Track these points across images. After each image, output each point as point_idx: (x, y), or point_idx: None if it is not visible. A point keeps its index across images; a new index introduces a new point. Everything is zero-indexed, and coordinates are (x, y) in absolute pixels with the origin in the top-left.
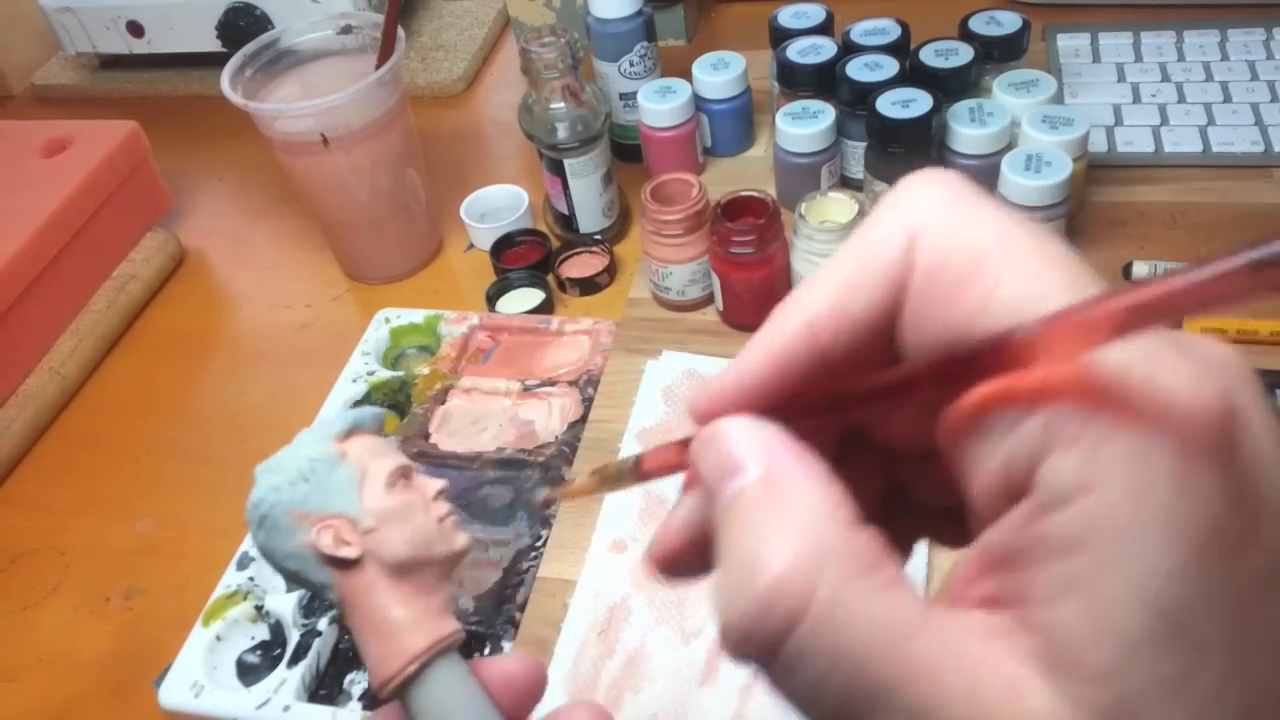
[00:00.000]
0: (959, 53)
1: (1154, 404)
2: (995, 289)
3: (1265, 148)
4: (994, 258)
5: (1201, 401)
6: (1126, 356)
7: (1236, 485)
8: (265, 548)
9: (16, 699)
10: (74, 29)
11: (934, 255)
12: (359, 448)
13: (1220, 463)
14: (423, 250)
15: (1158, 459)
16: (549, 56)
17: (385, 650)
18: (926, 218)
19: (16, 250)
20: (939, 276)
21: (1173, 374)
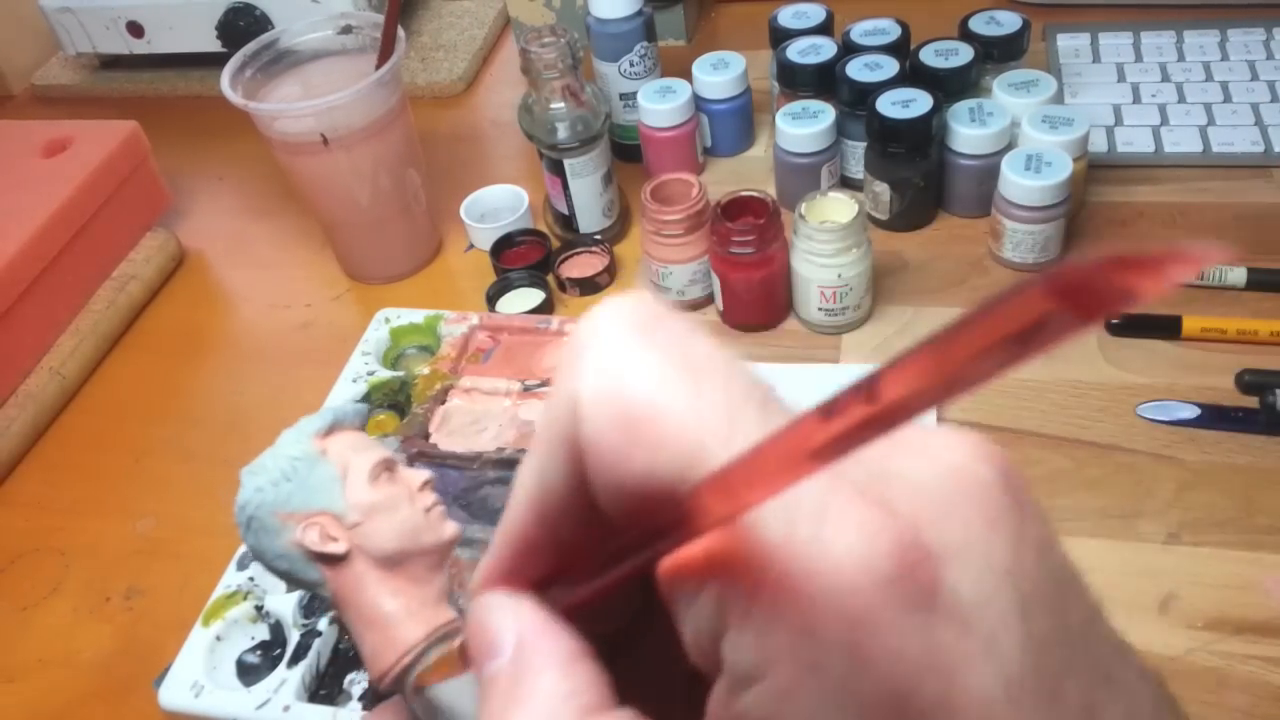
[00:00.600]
0: (959, 53)
1: (818, 571)
2: (653, 452)
3: (1265, 148)
4: (645, 420)
5: (877, 551)
6: (791, 514)
7: (926, 642)
8: (255, 549)
9: (16, 699)
10: (74, 29)
11: (592, 425)
12: (340, 444)
13: (900, 621)
14: (423, 250)
15: (829, 632)
16: (549, 56)
17: (381, 642)
18: (582, 382)
19: (16, 250)
20: (601, 445)
21: (845, 518)
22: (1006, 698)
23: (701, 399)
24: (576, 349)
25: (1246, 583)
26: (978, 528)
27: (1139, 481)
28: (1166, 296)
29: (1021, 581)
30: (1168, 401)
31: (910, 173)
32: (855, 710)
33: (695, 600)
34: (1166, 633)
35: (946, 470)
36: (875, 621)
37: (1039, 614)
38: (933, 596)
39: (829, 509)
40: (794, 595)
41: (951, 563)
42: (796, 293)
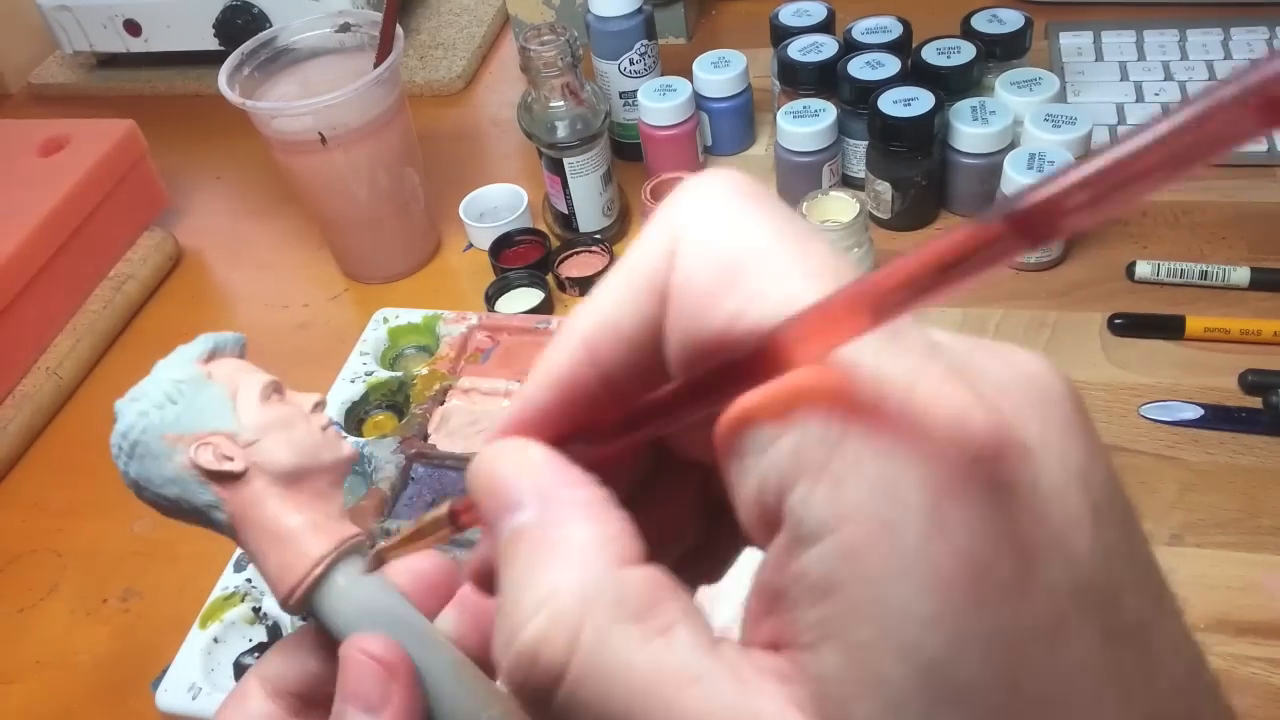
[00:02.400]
0: (961, 51)
1: (912, 426)
2: (749, 297)
3: (1269, 147)
4: (750, 265)
5: (967, 427)
6: (891, 365)
7: (1006, 523)
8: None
9: (14, 701)
10: (71, 27)
11: (690, 263)
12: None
13: (984, 498)
14: (421, 250)
15: (909, 492)
16: (548, 55)
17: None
18: (688, 224)
19: (13, 249)
20: (694, 285)
21: (939, 391)
22: (1073, 593)
23: (806, 259)
24: (681, 197)
25: (1249, 584)
26: (1057, 430)
27: (1142, 482)
28: (1169, 296)
29: (1094, 488)
30: (1171, 402)
31: (912, 172)
32: (925, 577)
33: (770, 446)
34: None
35: (1027, 375)
36: (959, 492)
37: (1107, 522)
38: (1015, 482)
39: (922, 379)
40: (880, 450)
41: (1034, 453)
42: None
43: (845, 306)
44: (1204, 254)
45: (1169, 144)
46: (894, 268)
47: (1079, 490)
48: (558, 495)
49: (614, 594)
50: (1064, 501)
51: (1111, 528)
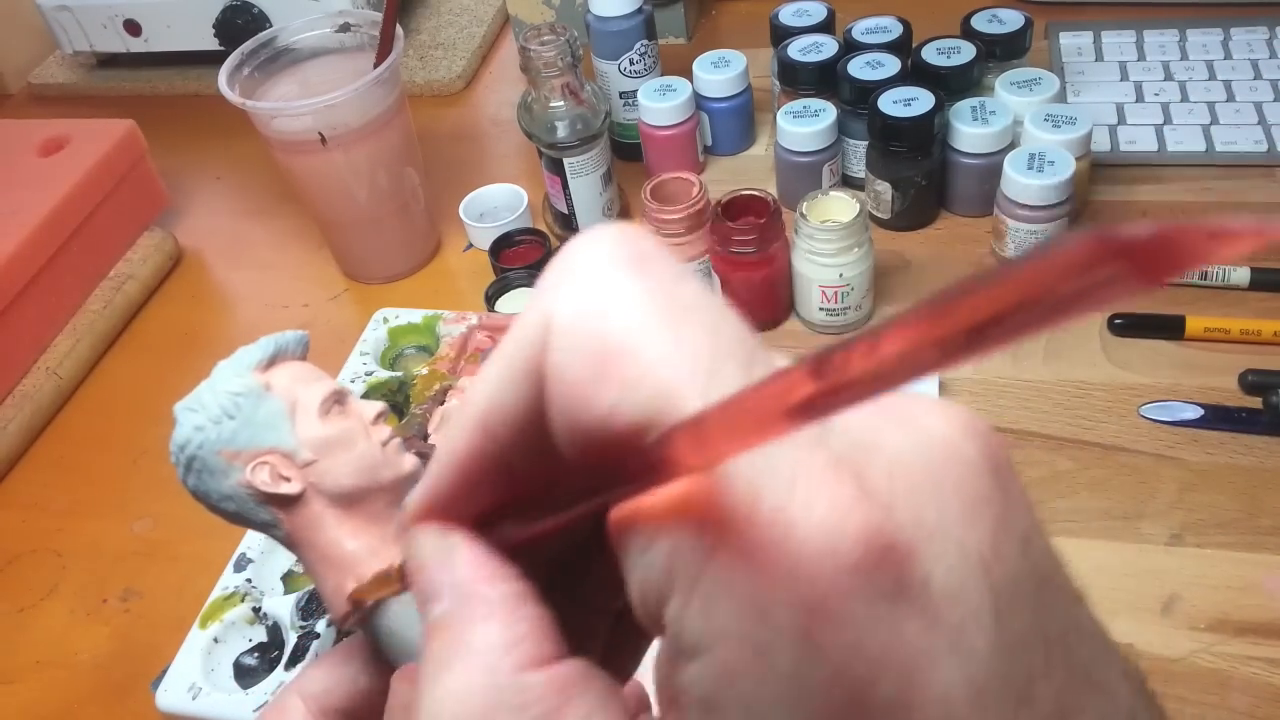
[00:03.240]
0: (961, 51)
1: (783, 539)
2: (622, 389)
3: (1268, 147)
4: (621, 352)
5: (844, 535)
6: (761, 479)
7: (888, 636)
8: (197, 490)
9: (13, 701)
10: (71, 28)
11: (560, 353)
12: (284, 377)
13: (860, 613)
14: (421, 250)
15: (779, 614)
16: (548, 55)
17: (342, 584)
18: (558, 307)
19: (13, 250)
20: (566, 376)
21: (816, 494)
22: (970, 700)
23: (682, 344)
24: (558, 271)
25: (1249, 584)
26: (957, 513)
27: (1142, 482)
28: (1169, 296)
29: (999, 575)
30: (1171, 402)
31: (912, 172)
32: (803, 702)
33: (646, 553)
34: (1169, 634)
35: (931, 446)
36: (834, 609)
37: (1015, 611)
38: (900, 586)
39: (800, 480)
40: (751, 568)
41: (925, 548)
42: (798, 292)
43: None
44: None
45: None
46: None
47: (979, 582)
48: (472, 591)
49: (518, 700)
50: (960, 599)
51: (1020, 614)
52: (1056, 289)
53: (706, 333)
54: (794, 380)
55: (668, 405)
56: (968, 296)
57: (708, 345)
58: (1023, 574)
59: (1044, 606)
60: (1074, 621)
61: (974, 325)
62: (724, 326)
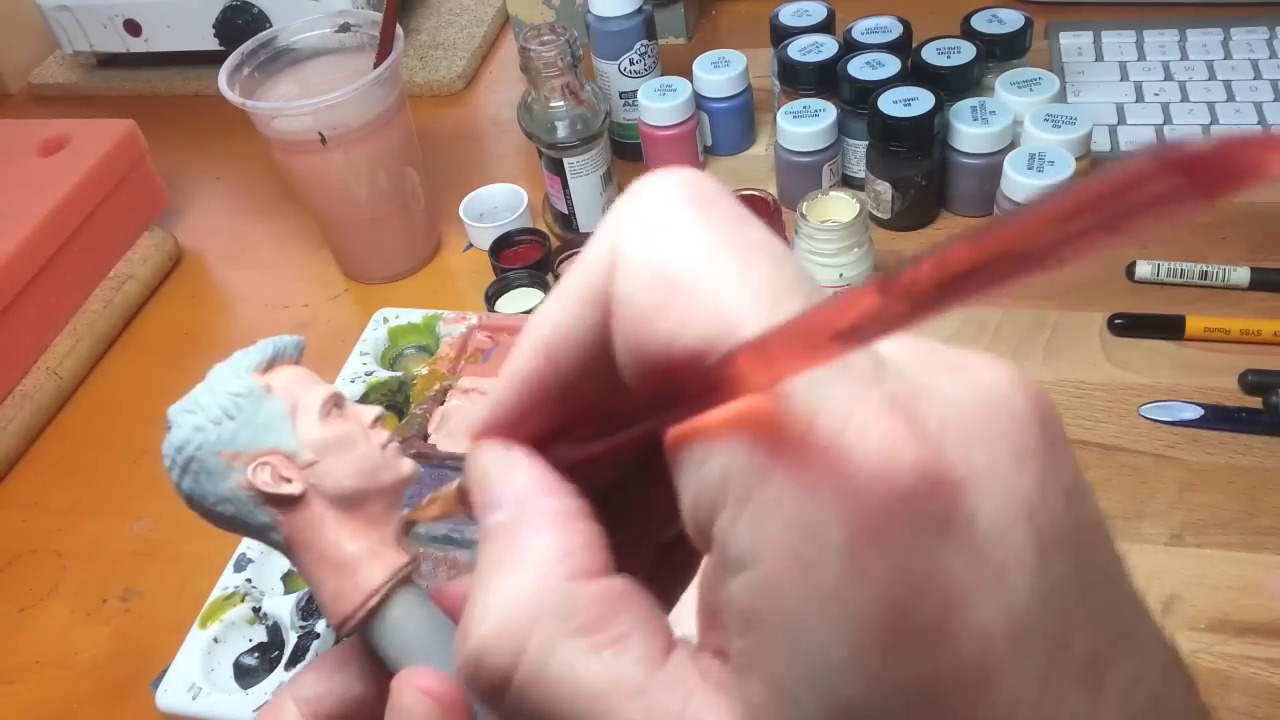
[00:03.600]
0: (961, 51)
1: (838, 462)
2: (684, 319)
3: None
4: (685, 283)
5: (896, 463)
6: (827, 394)
7: (932, 565)
8: (194, 494)
9: (13, 701)
10: (71, 28)
11: (626, 282)
12: (284, 379)
13: (907, 539)
14: (421, 250)
15: (828, 532)
16: (548, 55)
17: (341, 587)
18: (625, 238)
19: (13, 250)
20: (630, 305)
21: (871, 424)
22: (1008, 637)
23: (747, 277)
24: (625, 205)
25: (1249, 584)
26: (1005, 458)
27: (1142, 482)
28: (1169, 296)
29: (1043, 521)
30: (1171, 402)
31: (912, 172)
32: (841, 620)
33: (702, 466)
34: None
35: (983, 394)
36: (882, 532)
37: (1057, 558)
38: (947, 519)
39: (858, 409)
40: (803, 485)
41: (973, 488)
42: None
43: (787, 344)
44: (1204, 254)
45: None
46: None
47: (1024, 524)
48: (531, 501)
49: (566, 606)
50: (1004, 538)
51: (1062, 562)
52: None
53: (770, 267)
54: (860, 295)
55: (731, 332)
56: (1034, 213)
57: (770, 278)
58: (1066, 524)
59: (1085, 558)
60: (1114, 578)
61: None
62: (786, 264)
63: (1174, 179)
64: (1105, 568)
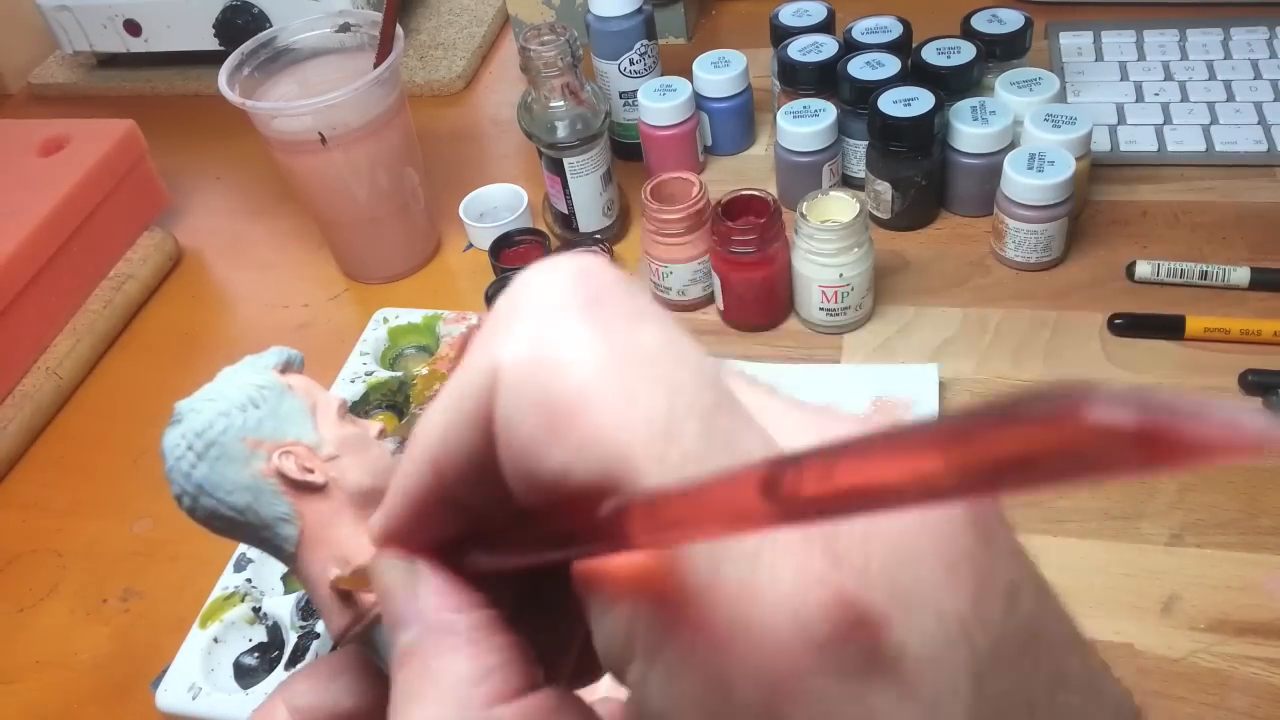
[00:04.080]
0: (961, 51)
1: (743, 622)
2: (576, 450)
3: (1269, 147)
4: (573, 410)
5: (811, 608)
6: (723, 549)
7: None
8: (205, 482)
9: (13, 701)
10: (71, 28)
11: (509, 408)
12: (299, 381)
13: (828, 691)
14: (421, 250)
15: (744, 692)
16: (548, 55)
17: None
18: (508, 354)
19: (13, 250)
20: (516, 433)
21: (773, 577)
22: None
23: (638, 403)
24: (506, 311)
25: (1249, 584)
26: (936, 574)
27: (1141, 483)
28: (1169, 296)
29: (980, 639)
30: None
31: (912, 171)
32: None
33: (605, 616)
34: (1169, 634)
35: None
36: (801, 689)
37: (996, 673)
38: (872, 660)
39: (766, 549)
40: (713, 644)
41: (901, 617)
42: (797, 292)
43: (672, 518)
44: (1204, 254)
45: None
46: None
47: (958, 643)
48: (438, 621)
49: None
50: (937, 665)
51: (1003, 675)
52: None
53: (664, 389)
54: (742, 489)
55: (623, 470)
56: (938, 442)
57: (664, 405)
58: (1007, 633)
59: (1030, 664)
60: (1062, 674)
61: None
62: (684, 377)
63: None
64: (1053, 665)
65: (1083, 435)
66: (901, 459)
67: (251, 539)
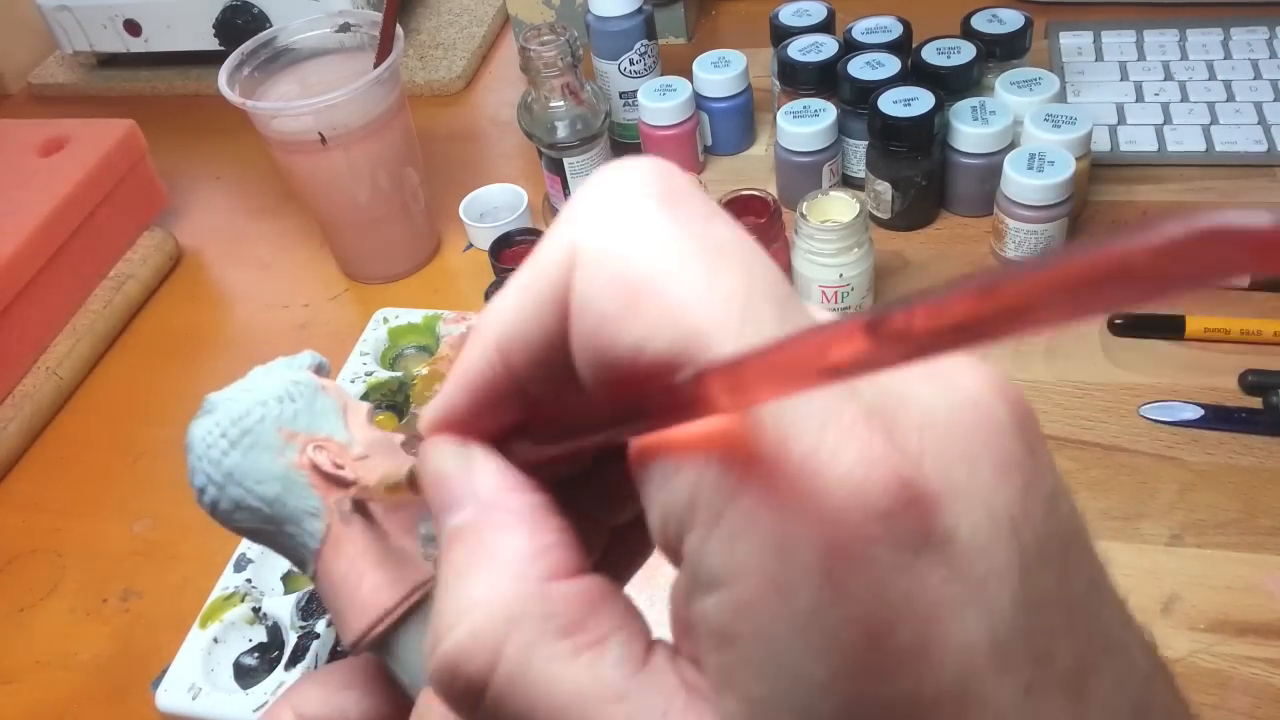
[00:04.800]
0: (961, 51)
1: (812, 481)
2: (651, 326)
3: (1268, 147)
4: (651, 288)
5: (872, 480)
6: (792, 420)
7: (910, 584)
8: (239, 469)
9: (13, 701)
10: (71, 28)
11: (587, 283)
12: (330, 384)
13: (883, 559)
14: (421, 250)
15: (802, 553)
16: (548, 55)
17: (385, 579)
18: (587, 234)
19: (13, 250)
20: (592, 309)
21: (846, 440)
22: (991, 651)
23: (717, 283)
24: (585, 199)
25: (1249, 584)
26: (986, 470)
27: (1142, 482)
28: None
29: (1025, 533)
30: (1171, 402)
31: (912, 171)
32: (819, 642)
33: (669, 483)
34: (1169, 634)
35: (963, 403)
36: (858, 553)
37: (1039, 569)
38: (925, 537)
39: (831, 426)
40: (776, 505)
41: (952, 503)
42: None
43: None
44: None
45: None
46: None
47: (1006, 536)
48: (495, 500)
49: (542, 609)
50: (985, 552)
51: (1046, 572)
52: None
53: (741, 272)
54: (844, 333)
55: (699, 344)
56: (1048, 270)
57: (742, 285)
58: (1048, 534)
59: (1068, 567)
60: (1096, 584)
61: (1051, 301)
62: (759, 267)
63: (1225, 251)
64: (1088, 574)
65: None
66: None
67: (271, 536)
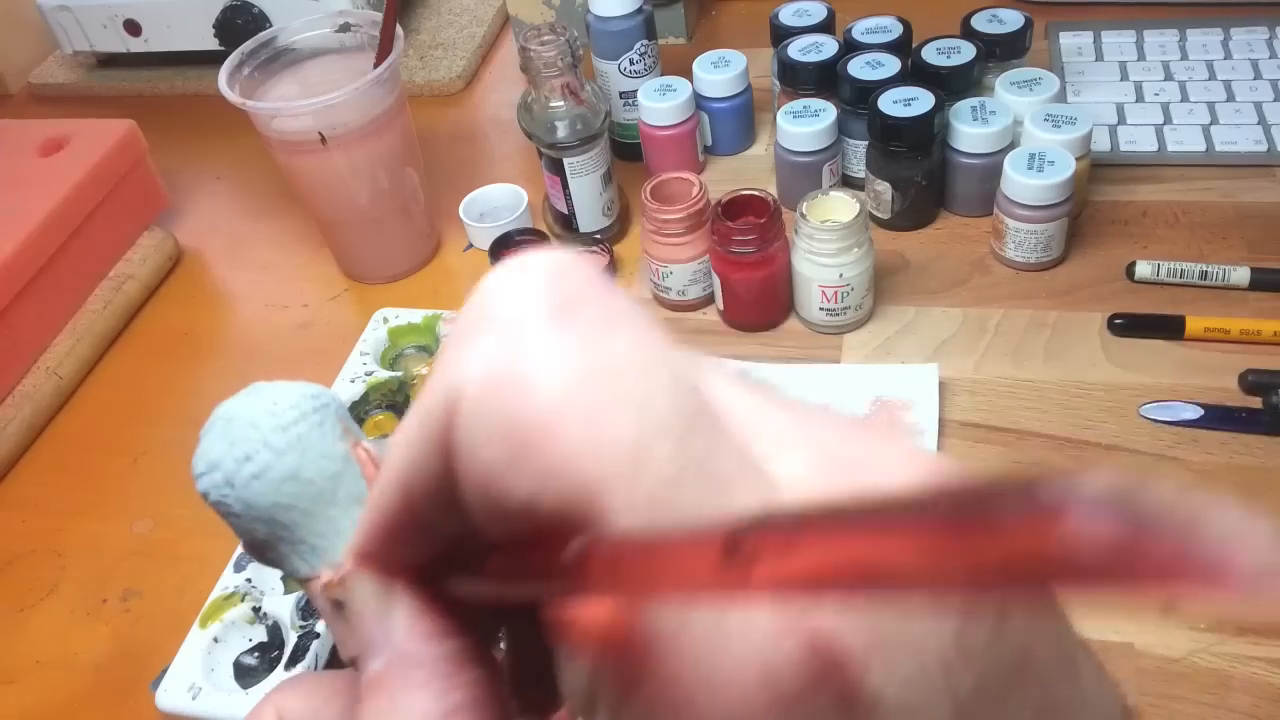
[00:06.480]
0: (961, 51)
1: (709, 678)
2: (542, 479)
3: (1268, 147)
4: (535, 439)
5: (780, 662)
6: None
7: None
8: (306, 439)
9: (13, 701)
10: (71, 28)
11: (470, 435)
12: None
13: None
14: (421, 250)
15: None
16: (548, 55)
17: None
18: (469, 375)
19: (13, 250)
20: (477, 462)
21: (742, 629)
22: None
23: (606, 426)
24: (472, 321)
25: None
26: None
27: None
28: (1169, 296)
29: (963, 676)
30: (1170, 402)
31: (912, 171)
32: None
33: (571, 663)
34: (1169, 634)
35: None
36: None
37: (980, 711)
38: (847, 709)
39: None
40: (678, 702)
41: (877, 663)
42: (797, 292)
43: (640, 574)
44: (1204, 254)
45: None
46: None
47: (938, 687)
48: (408, 650)
49: None
50: (915, 711)
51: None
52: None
53: (634, 408)
54: (701, 554)
55: (591, 500)
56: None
57: (633, 426)
58: (992, 665)
59: (1016, 697)
60: (1050, 703)
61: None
62: (656, 391)
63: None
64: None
65: (1055, 543)
66: (869, 540)
67: (303, 525)
